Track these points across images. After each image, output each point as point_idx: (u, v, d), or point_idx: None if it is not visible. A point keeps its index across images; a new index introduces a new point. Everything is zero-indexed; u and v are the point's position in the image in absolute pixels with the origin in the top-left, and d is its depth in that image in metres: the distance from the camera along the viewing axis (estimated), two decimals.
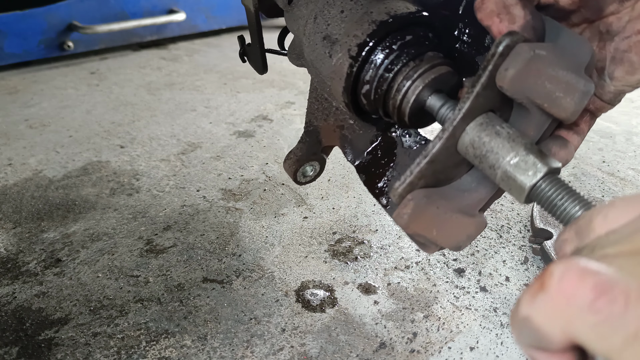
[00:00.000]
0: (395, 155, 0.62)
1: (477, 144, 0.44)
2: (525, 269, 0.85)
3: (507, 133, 0.43)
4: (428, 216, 0.45)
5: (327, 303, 0.77)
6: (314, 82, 0.71)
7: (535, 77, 0.41)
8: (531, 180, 0.41)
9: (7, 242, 0.90)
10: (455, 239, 0.48)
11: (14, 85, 1.60)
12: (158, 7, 1.91)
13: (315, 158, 0.75)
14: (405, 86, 0.52)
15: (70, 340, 0.70)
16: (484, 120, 0.44)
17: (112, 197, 1.03)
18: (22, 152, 1.20)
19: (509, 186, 0.43)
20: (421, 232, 0.46)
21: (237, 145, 1.25)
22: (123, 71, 1.74)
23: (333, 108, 0.69)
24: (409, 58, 0.53)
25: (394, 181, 0.61)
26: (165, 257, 0.86)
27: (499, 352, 0.70)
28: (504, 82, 0.42)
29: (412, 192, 0.45)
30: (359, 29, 0.54)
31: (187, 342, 0.70)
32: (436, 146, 0.44)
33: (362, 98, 0.56)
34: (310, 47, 0.62)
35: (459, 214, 0.47)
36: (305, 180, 0.77)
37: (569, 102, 0.42)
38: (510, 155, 0.42)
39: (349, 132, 0.68)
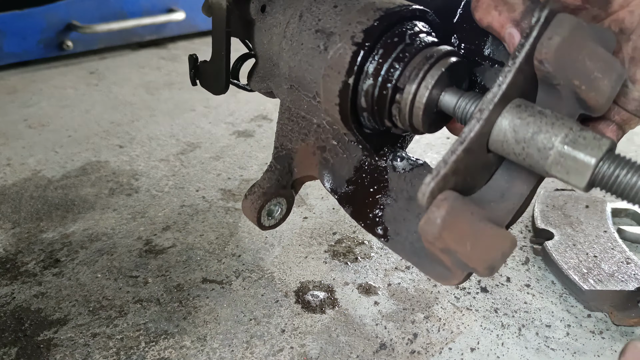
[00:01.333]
0: (388, 181, 0.55)
1: (520, 125, 0.38)
2: (527, 270, 0.85)
3: (552, 112, 0.38)
4: (463, 223, 0.38)
5: (327, 304, 0.77)
6: (285, 102, 0.63)
7: (577, 51, 0.37)
8: (597, 154, 0.35)
9: (5, 243, 0.89)
10: (490, 256, 0.39)
11: (13, 84, 1.59)
12: (157, 7, 1.90)
13: (284, 193, 0.65)
14: (422, 71, 0.46)
15: (69, 340, 0.70)
16: (521, 102, 0.39)
17: (111, 197, 1.03)
18: (21, 152, 1.20)
19: (566, 169, 0.37)
20: (453, 246, 0.38)
21: (236, 145, 1.25)
22: (122, 71, 1.73)
23: (314, 126, 0.60)
24: (419, 48, 0.47)
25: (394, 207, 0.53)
26: (164, 258, 0.86)
27: (500, 353, 0.69)
28: (548, 54, 0.36)
29: (443, 192, 0.38)
30: (364, 16, 0.49)
31: (187, 342, 0.70)
32: (474, 129, 0.38)
33: (362, 97, 0.50)
34: (294, 49, 0.56)
35: (494, 224, 0.39)
36: (270, 224, 0.66)
37: (606, 85, 0.37)
38: (564, 132, 0.36)
39: (330, 155, 0.60)
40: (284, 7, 0.61)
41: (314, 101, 0.58)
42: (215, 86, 0.69)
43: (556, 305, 0.78)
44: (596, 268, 0.79)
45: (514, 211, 0.44)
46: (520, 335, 0.72)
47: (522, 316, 0.76)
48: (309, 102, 0.60)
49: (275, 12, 0.61)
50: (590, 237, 0.86)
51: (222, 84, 0.67)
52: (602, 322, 0.75)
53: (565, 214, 0.91)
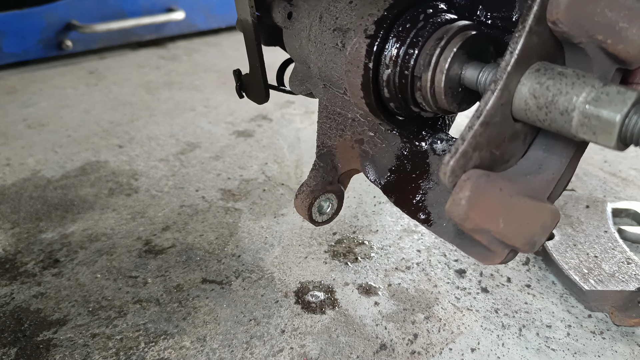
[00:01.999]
0: (429, 164, 0.53)
1: (540, 90, 0.36)
2: (527, 270, 0.85)
3: (573, 72, 0.35)
4: (491, 201, 0.36)
5: (327, 304, 0.77)
6: (323, 101, 0.64)
7: (593, 4, 0.34)
8: (621, 110, 0.33)
9: (5, 243, 0.89)
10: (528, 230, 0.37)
11: (13, 84, 1.59)
12: (157, 6, 1.90)
13: (332, 189, 0.66)
14: (434, 58, 0.44)
15: (68, 341, 0.70)
16: (541, 66, 0.36)
17: (111, 198, 1.03)
18: (21, 152, 1.20)
19: (592, 129, 0.34)
20: (484, 225, 0.36)
21: (236, 145, 1.25)
22: (122, 70, 1.73)
23: (349, 120, 0.61)
24: (434, 28, 0.46)
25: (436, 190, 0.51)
26: (164, 258, 0.86)
27: (500, 353, 0.69)
28: (558, 13, 0.34)
29: (467, 172, 0.36)
30: (374, 7, 0.48)
31: (186, 343, 0.70)
32: (489, 102, 0.36)
33: (384, 88, 0.49)
34: (318, 50, 0.57)
35: (528, 198, 0.37)
36: (322, 219, 0.67)
37: (635, 34, 0.34)
38: (587, 90, 0.34)
39: (369, 146, 0.59)
40: (308, 10, 0.61)
41: (345, 97, 0.58)
42: (257, 96, 0.70)
43: (557, 306, 0.77)
44: (597, 268, 0.79)
45: (554, 182, 0.41)
46: (521, 336, 0.72)
47: (523, 316, 0.75)
48: (342, 98, 0.60)
49: (302, 16, 0.62)
50: (591, 237, 0.85)
51: (263, 94, 0.69)
52: (602, 323, 0.75)
53: (565, 214, 0.91)
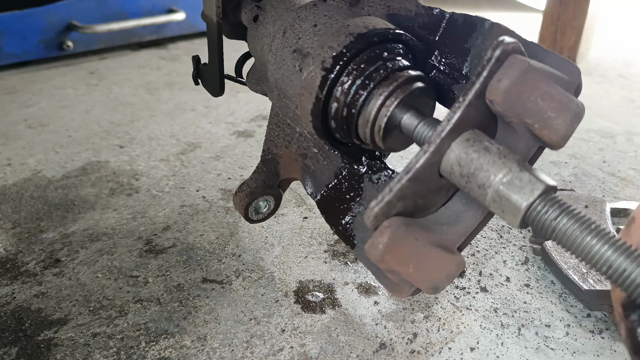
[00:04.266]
0: (362, 189, 0.57)
1: (465, 161, 0.39)
2: (526, 270, 0.85)
3: (497, 149, 0.39)
4: (406, 248, 0.40)
5: (327, 303, 0.77)
6: (275, 107, 0.66)
7: (528, 92, 0.38)
8: (527, 199, 0.37)
9: (6, 243, 0.89)
10: (433, 277, 0.41)
11: (13, 85, 1.59)
12: (157, 7, 1.90)
13: (271, 192, 0.69)
14: (380, 100, 0.48)
15: (69, 340, 0.70)
16: (471, 135, 0.40)
17: (112, 197, 1.03)
18: (21, 152, 1.20)
19: (501, 207, 0.38)
20: (396, 268, 0.40)
21: (236, 145, 1.25)
22: (122, 71, 1.74)
23: (296, 134, 0.63)
24: (386, 73, 0.49)
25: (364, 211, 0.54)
26: (164, 258, 0.86)
27: (500, 353, 0.70)
28: (496, 95, 0.38)
29: (389, 219, 0.40)
30: (335, 40, 0.50)
31: (187, 342, 0.70)
32: (420, 161, 0.39)
33: (331, 119, 0.52)
34: (277, 63, 0.58)
35: (439, 248, 0.41)
36: (257, 218, 0.70)
37: (560, 124, 0.38)
38: (503, 172, 0.38)
39: (312, 162, 0.62)
40: (274, 18, 0.62)
41: (296, 111, 0.60)
42: (212, 89, 0.72)
43: (556, 305, 0.78)
44: None
45: (466, 235, 0.45)
46: (520, 335, 0.72)
47: (522, 316, 0.76)
48: (294, 111, 0.62)
49: (267, 22, 0.63)
50: None
51: (217, 88, 0.71)
52: (601, 322, 0.75)
53: None
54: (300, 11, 0.58)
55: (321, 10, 0.57)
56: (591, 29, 1.94)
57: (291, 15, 0.59)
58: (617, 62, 1.99)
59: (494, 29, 0.49)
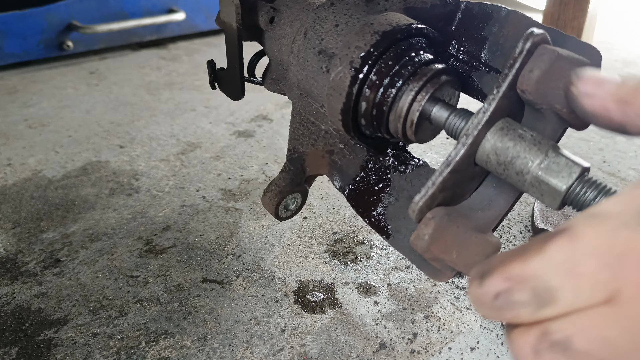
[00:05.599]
0: (390, 180, 0.58)
1: (501, 150, 0.41)
2: None
3: (531, 136, 0.41)
4: (449, 237, 0.42)
5: (327, 303, 0.77)
6: (297, 106, 0.67)
7: (558, 80, 0.39)
8: (567, 182, 0.39)
9: (6, 243, 0.90)
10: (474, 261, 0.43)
11: (14, 85, 1.59)
12: (158, 7, 1.90)
13: (298, 189, 0.70)
14: (411, 95, 0.49)
15: (69, 340, 0.70)
16: (504, 124, 0.42)
17: (112, 197, 1.03)
18: (22, 152, 1.20)
19: (541, 191, 0.40)
20: (441, 255, 0.42)
21: (236, 145, 1.25)
22: (122, 71, 1.74)
23: (322, 132, 0.65)
24: (414, 68, 0.50)
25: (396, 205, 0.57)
26: (164, 258, 0.86)
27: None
28: (529, 85, 0.40)
29: (432, 210, 0.42)
30: (361, 40, 0.51)
31: (187, 342, 0.70)
32: (460, 153, 0.41)
33: (361, 116, 0.53)
34: (300, 65, 0.59)
35: (478, 232, 0.44)
36: (286, 215, 0.72)
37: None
38: (540, 158, 0.40)
39: (338, 157, 0.63)
40: (290, 19, 0.63)
41: (321, 109, 0.61)
42: (233, 93, 0.73)
43: None
44: None
45: (499, 217, 0.47)
46: None
47: None
48: (317, 110, 0.63)
49: (283, 23, 0.64)
50: None
51: (239, 91, 0.72)
52: None
53: (564, 214, 0.91)
54: (319, 11, 0.59)
55: (340, 9, 0.57)
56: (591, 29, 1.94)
57: (310, 15, 0.59)
58: (617, 62, 1.99)
59: (510, 17, 0.51)
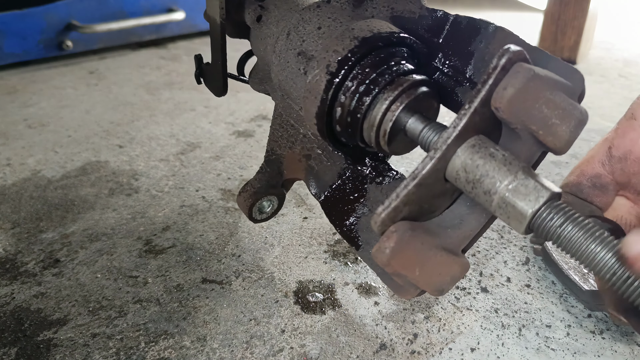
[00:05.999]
0: (366, 190, 0.57)
1: (470, 167, 0.40)
2: (527, 270, 0.85)
3: (503, 156, 0.40)
4: (411, 252, 0.41)
5: (327, 304, 0.77)
6: (278, 108, 0.66)
7: (533, 100, 0.38)
8: (533, 206, 0.38)
9: (5, 243, 0.89)
10: (438, 280, 0.42)
11: (13, 85, 1.59)
12: (157, 6, 1.90)
13: (274, 192, 0.69)
14: (385, 104, 0.48)
15: (69, 341, 0.70)
16: (476, 142, 0.41)
17: (111, 197, 1.03)
18: (21, 152, 1.20)
19: (507, 214, 0.39)
20: (402, 271, 0.41)
21: (236, 145, 1.25)
22: (122, 71, 1.73)
23: (300, 135, 0.64)
24: (391, 77, 0.49)
25: (368, 217, 0.55)
26: (164, 258, 0.86)
27: (500, 353, 0.69)
28: (501, 103, 0.38)
29: (395, 224, 0.41)
30: (340, 44, 0.50)
31: (187, 342, 0.70)
32: (426, 167, 0.40)
33: (336, 122, 0.52)
34: (281, 65, 0.58)
35: (444, 252, 0.42)
36: (261, 217, 0.71)
37: (564, 131, 0.38)
38: (508, 179, 0.38)
39: (315, 162, 0.63)
40: (277, 19, 0.62)
41: (300, 112, 0.61)
42: (216, 88, 0.73)
43: (556, 306, 0.78)
44: None
45: (469, 238, 0.46)
46: (521, 336, 0.72)
47: (523, 316, 0.76)
48: (297, 113, 0.62)
49: (270, 22, 0.63)
50: None
51: (220, 87, 0.71)
52: (602, 322, 0.75)
53: None
54: (304, 13, 0.58)
55: (325, 12, 0.57)
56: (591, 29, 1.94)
57: (295, 16, 0.59)
58: (618, 62, 1.98)
59: (497, 33, 0.50)
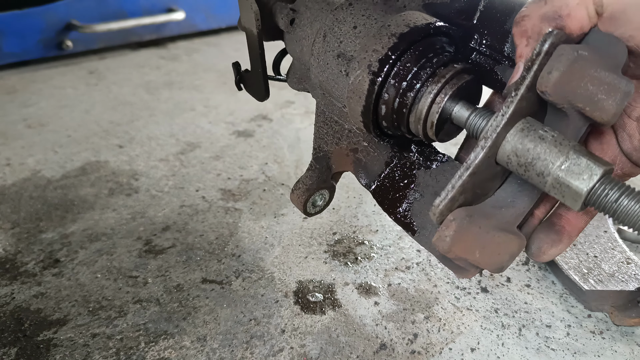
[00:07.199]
0: (415, 176, 0.58)
1: (521, 151, 0.41)
2: (527, 270, 0.85)
3: (552, 137, 0.40)
4: (471, 237, 0.42)
5: (327, 304, 0.77)
6: (320, 105, 0.67)
7: (578, 80, 0.39)
8: (587, 184, 0.38)
9: (5, 243, 0.89)
10: (498, 259, 0.44)
11: (13, 84, 1.59)
12: (157, 6, 1.90)
13: (325, 186, 0.71)
14: (430, 97, 0.49)
15: (69, 341, 0.70)
16: (525, 125, 0.41)
17: (111, 197, 1.03)
18: (21, 152, 1.20)
19: (562, 193, 0.40)
20: (463, 255, 0.42)
21: (236, 145, 1.25)
22: (122, 70, 1.73)
23: (345, 131, 0.65)
24: (432, 70, 0.50)
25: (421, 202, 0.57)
26: (164, 258, 0.86)
27: (500, 353, 0.69)
28: (547, 86, 0.39)
29: (453, 212, 0.42)
30: (379, 43, 0.51)
31: (186, 343, 0.70)
32: (479, 156, 0.41)
33: (382, 118, 0.53)
34: (320, 67, 0.59)
35: (501, 232, 0.44)
36: (315, 211, 0.73)
37: (610, 104, 0.39)
38: (560, 160, 0.39)
39: (363, 155, 0.64)
40: (310, 20, 0.63)
41: (344, 109, 0.61)
42: (258, 94, 0.75)
43: (556, 306, 0.78)
44: (596, 268, 0.79)
45: (523, 214, 0.47)
46: (521, 336, 0.72)
47: (523, 316, 0.76)
48: (340, 109, 0.63)
49: (303, 25, 0.64)
50: (591, 237, 0.85)
51: (263, 93, 0.74)
52: (602, 322, 0.75)
53: None
54: (337, 12, 0.58)
55: (358, 9, 0.57)
56: None
57: (329, 17, 0.59)
58: None
59: None
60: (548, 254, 0.48)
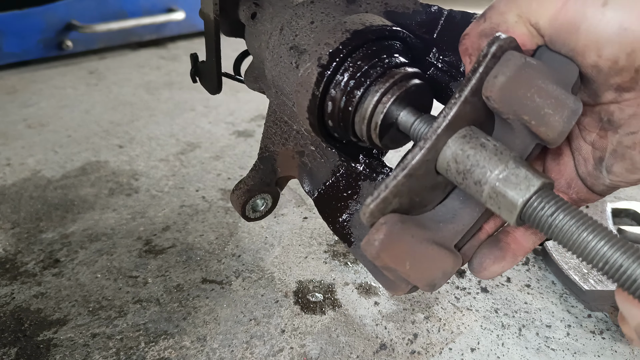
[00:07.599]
0: (360, 187, 0.57)
1: (461, 157, 0.39)
2: (527, 270, 0.85)
3: (494, 146, 0.39)
4: (402, 245, 0.39)
5: (327, 304, 0.77)
6: (272, 105, 0.66)
7: (524, 89, 0.37)
8: (524, 195, 0.36)
9: (5, 243, 0.89)
10: (430, 274, 0.41)
11: (13, 84, 1.59)
12: (157, 6, 1.90)
13: (268, 190, 0.69)
14: (377, 96, 0.48)
15: (69, 341, 0.70)
16: (467, 132, 0.40)
17: (111, 197, 1.03)
18: (21, 152, 1.20)
19: (497, 204, 0.38)
20: (392, 265, 0.40)
21: (236, 145, 1.25)
22: (122, 71, 1.73)
23: (293, 132, 0.64)
24: (383, 69, 0.48)
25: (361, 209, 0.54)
26: (164, 258, 0.86)
27: (500, 353, 0.69)
28: (492, 91, 0.37)
29: (385, 216, 0.40)
30: (332, 37, 0.50)
31: (186, 343, 0.70)
32: (416, 157, 0.39)
33: (328, 115, 0.52)
34: (274, 60, 0.58)
35: (435, 246, 0.41)
36: (255, 216, 0.71)
37: (557, 121, 0.37)
38: (499, 169, 0.37)
39: (309, 159, 0.62)
40: (271, 15, 0.62)
41: (294, 108, 0.60)
42: (210, 86, 0.73)
43: (556, 306, 0.78)
44: None
45: (462, 232, 0.45)
46: (521, 336, 0.72)
47: (523, 316, 0.76)
48: (291, 109, 0.62)
49: (264, 19, 0.63)
50: None
51: (215, 85, 0.71)
52: (602, 322, 0.75)
53: None
54: (297, 8, 0.58)
55: (318, 7, 0.57)
56: None
57: (288, 12, 0.59)
58: None
59: None
60: (489, 271, 0.45)
